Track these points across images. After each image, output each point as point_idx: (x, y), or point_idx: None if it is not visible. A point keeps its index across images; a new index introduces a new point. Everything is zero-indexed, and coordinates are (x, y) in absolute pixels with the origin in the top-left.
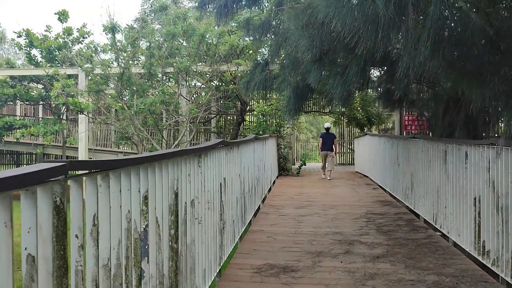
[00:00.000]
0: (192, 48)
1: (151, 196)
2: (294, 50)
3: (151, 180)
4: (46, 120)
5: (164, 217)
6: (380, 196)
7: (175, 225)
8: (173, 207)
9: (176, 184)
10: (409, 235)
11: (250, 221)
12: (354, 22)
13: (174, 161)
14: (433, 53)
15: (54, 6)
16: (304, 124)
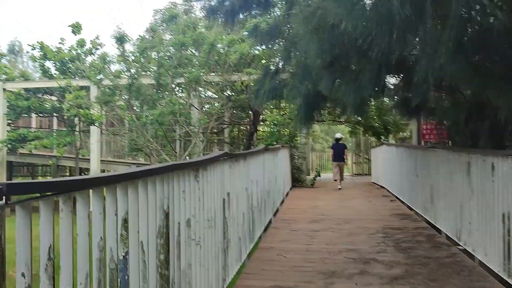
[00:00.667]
0: (202, 57)
1: (133, 219)
2: (303, 56)
3: (133, 200)
4: (59, 132)
5: (151, 241)
6: (398, 209)
7: (165, 249)
8: (163, 228)
9: (167, 203)
10: (431, 253)
11: (261, 236)
12: (366, 22)
13: (164, 177)
14: (454, 55)
15: (72, 18)
16: (320, 134)
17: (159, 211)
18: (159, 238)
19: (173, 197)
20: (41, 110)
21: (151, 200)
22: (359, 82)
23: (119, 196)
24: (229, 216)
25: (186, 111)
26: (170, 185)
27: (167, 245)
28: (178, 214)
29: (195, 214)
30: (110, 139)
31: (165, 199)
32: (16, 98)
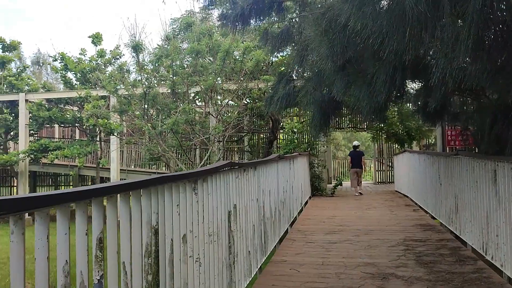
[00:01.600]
0: (218, 65)
1: (112, 238)
2: (315, 60)
3: (112, 217)
4: (79, 142)
5: (135, 261)
6: (421, 219)
7: (154, 269)
8: (151, 246)
9: (156, 219)
10: (455, 268)
11: (275, 247)
12: (377, 20)
13: (152, 191)
14: (474, 55)
15: (94, 28)
16: (342, 141)
17: (146, 228)
18: (146, 257)
19: (163, 211)
20: (62, 120)
21: (135, 216)
22: (372, 86)
23: (94, 213)
24: (235, 229)
25: (202, 119)
26: (160, 199)
27: (156, 264)
28: (171, 230)
29: (193, 229)
30: (131, 148)
31: (154, 214)
32: (37, 108)
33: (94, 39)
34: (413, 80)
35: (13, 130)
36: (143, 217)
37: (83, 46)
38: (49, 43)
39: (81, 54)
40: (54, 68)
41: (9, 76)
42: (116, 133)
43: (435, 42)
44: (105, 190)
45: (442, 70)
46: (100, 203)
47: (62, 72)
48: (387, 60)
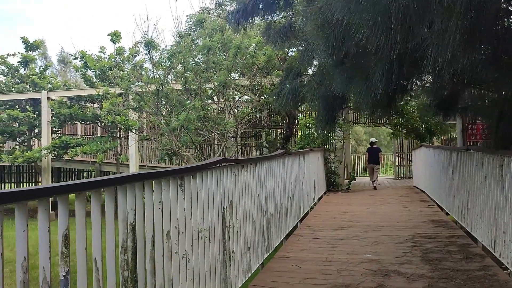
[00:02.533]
0: (229, 61)
1: (80, 234)
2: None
3: (81, 214)
4: (99, 138)
5: (109, 257)
6: (434, 215)
7: (131, 265)
8: (127, 243)
9: (133, 215)
10: (460, 265)
11: (282, 243)
12: (361, 14)
13: (129, 188)
14: (464, 47)
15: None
16: (363, 136)
17: (122, 225)
18: (122, 253)
19: (142, 208)
20: (82, 118)
21: (109, 214)
22: (369, 80)
23: (59, 210)
24: (232, 225)
25: (215, 115)
26: (138, 196)
27: (134, 260)
28: (151, 226)
29: (179, 226)
30: (150, 145)
31: (131, 211)
32: (59, 106)
33: (113, 37)
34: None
35: (36, 127)
36: (119, 214)
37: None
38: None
39: (101, 52)
40: (75, 67)
41: (32, 75)
42: (134, 129)
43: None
44: (70, 187)
45: (432, 64)
46: (65, 200)
47: (82, 70)
48: (384, 54)
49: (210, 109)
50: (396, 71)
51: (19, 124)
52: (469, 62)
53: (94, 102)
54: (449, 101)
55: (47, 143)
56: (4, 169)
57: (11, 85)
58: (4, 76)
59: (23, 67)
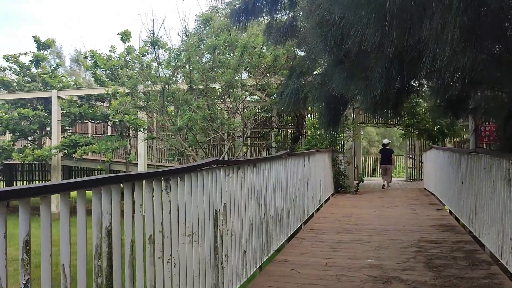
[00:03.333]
0: (236, 60)
1: (45, 240)
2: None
3: (46, 218)
4: (108, 137)
5: (81, 263)
6: (442, 219)
7: (107, 271)
8: (101, 248)
9: (109, 219)
10: (465, 272)
11: (283, 246)
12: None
13: (104, 190)
14: (464, 45)
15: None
16: (375, 137)
17: (96, 229)
18: (96, 259)
19: (118, 212)
20: (92, 117)
21: (80, 218)
22: (369, 80)
23: (20, 215)
24: (225, 228)
25: (223, 115)
26: (115, 199)
27: (109, 266)
28: (130, 231)
29: (163, 230)
30: (160, 144)
31: (107, 215)
32: (68, 105)
33: (123, 36)
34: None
35: (47, 126)
36: (93, 218)
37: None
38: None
39: (111, 51)
40: (85, 66)
41: (43, 74)
42: (142, 128)
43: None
44: (31, 191)
45: (431, 63)
46: (26, 205)
47: (92, 70)
48: (383, 53)
49: (216, 109)
50: (396, 71)
51: (30, 122)
52: (469, 61)
53: (104, 101)
54: (457, 102)
55: (57, 141)
56: (17, 167)
57: (23, 84)
58: (16, 75)
59: (34, 66)
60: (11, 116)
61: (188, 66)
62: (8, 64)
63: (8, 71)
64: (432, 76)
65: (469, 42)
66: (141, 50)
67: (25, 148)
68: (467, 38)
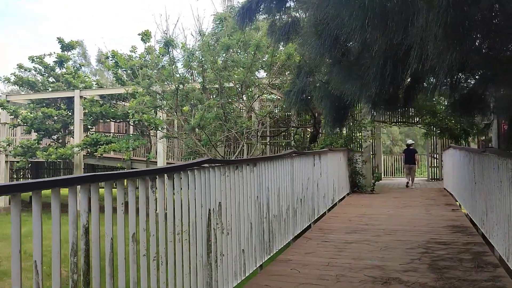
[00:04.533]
0: (248, 60)
1: (16, 238)
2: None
3: (16, 215)
4: (127, 136)
5: (55, 259)
6: (456, 220)
7: (84, 268)
8: (77, 245)
9: (86, 217)
10: (469, 275)
11: (289, 244)
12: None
13: (82, 189)
14: (447, 42)
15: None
16: (399, 136)
17: (72, 227)
18: (72, 256)
19: (97, 210)
20: (113, 116)
21: (55, 216)
22: (365, 79)
23: None
24: (219, 227)
25: (235, 114)
26: (93, 197)
27: (86, 263)
28: (110, 229)
29: (149, 228)
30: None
31: (84, 213)
32: (90, 104)
33: (143, 36)
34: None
35: (70, 125)
36: (69, 216)
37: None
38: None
39: (132, 51)
40: (107, 66)
41: (67, 74)
42: (160, 127)
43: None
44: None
45: (416, 61)
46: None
47: (113, 70)
48: (378, 52)
49: (230, 108)
50: (389, 70)
51: (54, 122)
52: (453, 59)
53: (125, 101)
54: (467, 100)
55: (79, 140)
56: (43, 166)
57: (47, 84)
58: (41, 75)
59: (58, 66)
60: (36, 116)
61: (201, 65)
62: (34, 65)
63: (33, 71)
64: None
65: (451, 39)
66: (160, 50)
67: (49, 147)
68: (450, 35)
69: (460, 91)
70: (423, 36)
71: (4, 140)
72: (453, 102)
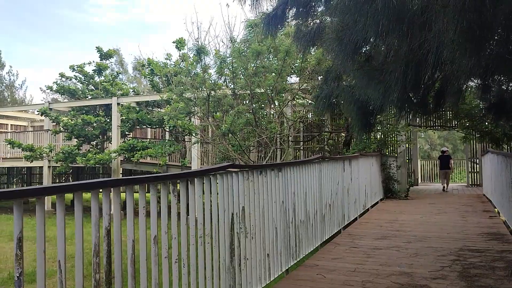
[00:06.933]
0: (278, 65)
1: (40, 238)
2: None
3: (40, 217)
4: (162, 142)
5: (78, 260)
6: (492, 227)
7: (106, 268)
8: (99, 246)
9: (108, 220)
10: (500, 283)
11: (317, 249)
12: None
13: (104, 193)
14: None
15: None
16: (437, 141)
17: (94, 228)
18: (94, 256)
19: (119, 214)
20: (149, 122)
21: (78, 218)
22: (385, 83)
23: (14, 214)
24: (243, 231)
25: (266, 120)
26: (115, 201)
27: (108, 264)
28: (132, 231)
29: (171, 231)
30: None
31: (106, 216)
32: (127, 111)
33: (178, 44)
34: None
35: (108, 131)
36: (92, 218)
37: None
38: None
39: (167, 58)
40: (143, 73)
41: (105, 82)
42: (194, 133)
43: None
44: (23, 192)
45: (432, 65)
46: (19, 205)
47: (149, 77)
48: (399, 57)
49: (262, 114)
50: (412, 74)
51: (93, 128)
52: (472, 63)
53: (160, 107)
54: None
55: (116, 146)
56: (83, 171)
57: (87, 92)
58: (81, 83)
59: (97, 74)
60: (76, 122)
61: (232, 72)
62: (74, 73)
63: (74, 80)
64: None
65: (469, 44)
66: (194, 58)
67: (88, 152)
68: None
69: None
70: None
71: (47, 146)
72: (489, 105)
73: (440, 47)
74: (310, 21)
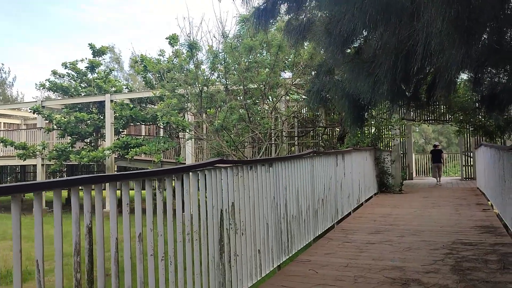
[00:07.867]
0: (270, 60)
1: (15, 236)
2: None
3: (16, 217)
4: (157, 139)
5: (58, 259)
6: (485, 220)
7: (88, 267)
8: (79, 245)
9: (89, 218)
10: (493, 276)
11: (310, 244)
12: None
13: (85, 190)
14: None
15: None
16: (431, 135)
17: (75, 226)
18: (75, 255)
19: (101, 211)
20: (143, 119)
21: (57, 216)
22: (374, 76)
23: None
24: (233, 228)
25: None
26: (97, 198)
27: (90, 262)
28: (115, 229)
29: (157, 228)
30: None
31: (87, 214)
32: (120, 108)
33: (171, 40)
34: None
35: (102, 128)
36: (72, 216)
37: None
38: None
39: (160, 55)
40: (137, 70)
41: (97, 79)
42: (188, 130)
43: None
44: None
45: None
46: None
47: (142, 73)
48: (388, 49)
49: (255, 109)
50: (401, 66)
51: (86, 125)
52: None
53: (154, 104)
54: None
55: (110, 143)
56: (77, 168)
57: (79, 89)
58: (74, 80)
59: (90, 71)
60: (69, 120)
61: (225, 67)
62: (67, 71)
63: (67, 77)
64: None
65: (457, 34)
66: (187, 54)
67: (82, 150)
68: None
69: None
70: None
71: (40, 144)
72: (481, 98)
73: (429, 37)
74: (301, 14)
